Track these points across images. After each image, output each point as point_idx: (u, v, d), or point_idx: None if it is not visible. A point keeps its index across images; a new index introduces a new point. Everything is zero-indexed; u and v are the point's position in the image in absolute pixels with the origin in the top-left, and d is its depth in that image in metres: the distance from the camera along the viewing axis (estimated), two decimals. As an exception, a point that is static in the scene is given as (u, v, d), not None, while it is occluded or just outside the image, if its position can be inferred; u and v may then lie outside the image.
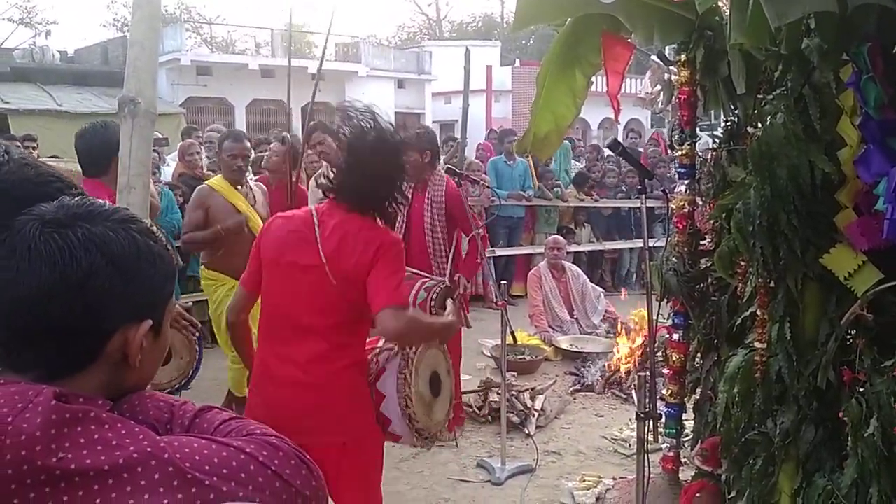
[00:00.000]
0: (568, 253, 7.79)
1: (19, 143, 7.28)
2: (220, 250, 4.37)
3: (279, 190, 4.87)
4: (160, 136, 8.30)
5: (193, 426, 1.04)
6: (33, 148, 8.01)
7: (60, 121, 14.09)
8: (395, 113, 20.79)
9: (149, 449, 0.90)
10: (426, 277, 4.47)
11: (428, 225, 4.55)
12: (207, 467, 0.92)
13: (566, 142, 10.31)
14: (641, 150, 10.52)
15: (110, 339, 0.97)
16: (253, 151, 4.99)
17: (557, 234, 8.20)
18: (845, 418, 2.18)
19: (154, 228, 1.06)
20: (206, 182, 4.57)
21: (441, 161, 8.13)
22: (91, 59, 21.09)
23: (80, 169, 3.14)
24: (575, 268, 7.52)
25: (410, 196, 4.68)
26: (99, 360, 0.98)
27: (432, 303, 4.33)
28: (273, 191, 5.11)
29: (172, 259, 1.07)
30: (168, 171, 7.45)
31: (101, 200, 1.04)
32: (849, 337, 2.27)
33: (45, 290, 0.93)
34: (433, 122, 22.51)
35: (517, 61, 26.33)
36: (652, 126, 24.98)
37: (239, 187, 4.53)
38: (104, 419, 0.91)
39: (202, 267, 4.57)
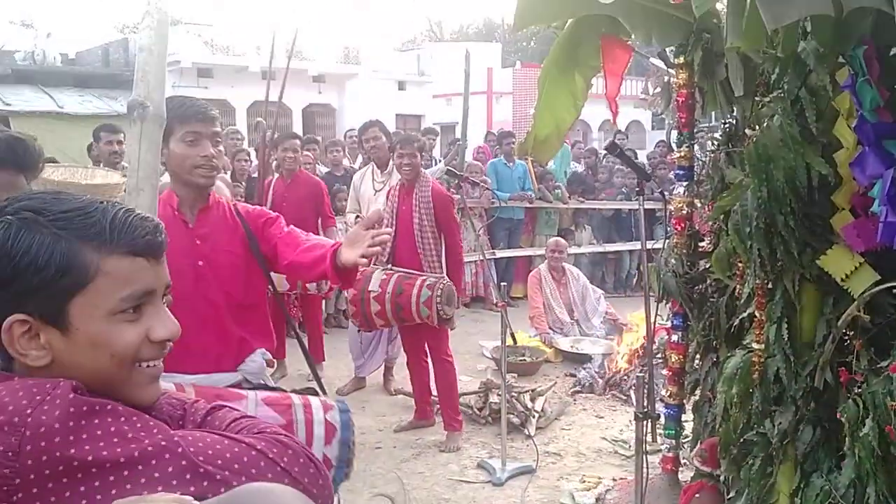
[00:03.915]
0: (569, 255, 7.80)
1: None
2: None
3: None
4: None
5: (205, 423, 1.05)
6: None
7: (61, 122, 14.13)
8: (396, 115, 20.82)
9: (163, 442, 0.92)
10: (424, 275, 4.49)
11: (416, 225, 4.57)
12: (219, 462, 0.94)
13: (566, 145, 10.34)
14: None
15: None
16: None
17: (558, 236, 8.21)
18: (842, 418, 2.19)
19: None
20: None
21: (442, 163, 8.14)
22: (92, 61, 21.10)
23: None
24: (575, 269, 7.53)
25: (397, 197, 4.68)
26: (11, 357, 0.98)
27: (438, 299, 4.35)
28: None
29: (60, 246, 0.96)
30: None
31: None
32: (846, 338, 2.27)
33: None
34: (433, 124, 22.52)
35: (518, 63, 26.35)
36: (653, 128, 25.02)
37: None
38: (121, 412, 0.93)
39: None
